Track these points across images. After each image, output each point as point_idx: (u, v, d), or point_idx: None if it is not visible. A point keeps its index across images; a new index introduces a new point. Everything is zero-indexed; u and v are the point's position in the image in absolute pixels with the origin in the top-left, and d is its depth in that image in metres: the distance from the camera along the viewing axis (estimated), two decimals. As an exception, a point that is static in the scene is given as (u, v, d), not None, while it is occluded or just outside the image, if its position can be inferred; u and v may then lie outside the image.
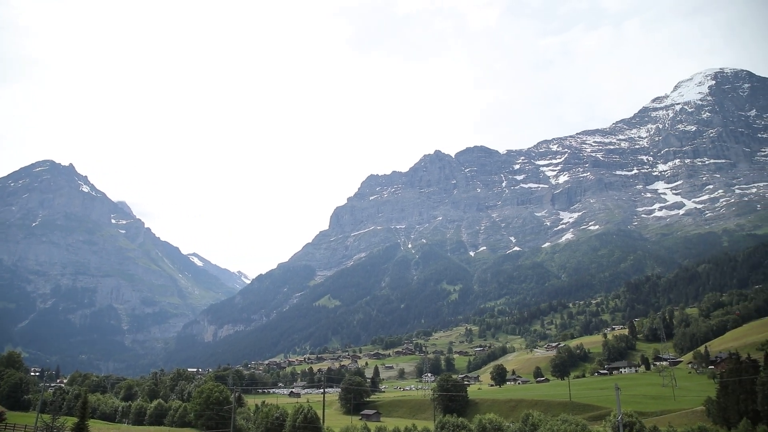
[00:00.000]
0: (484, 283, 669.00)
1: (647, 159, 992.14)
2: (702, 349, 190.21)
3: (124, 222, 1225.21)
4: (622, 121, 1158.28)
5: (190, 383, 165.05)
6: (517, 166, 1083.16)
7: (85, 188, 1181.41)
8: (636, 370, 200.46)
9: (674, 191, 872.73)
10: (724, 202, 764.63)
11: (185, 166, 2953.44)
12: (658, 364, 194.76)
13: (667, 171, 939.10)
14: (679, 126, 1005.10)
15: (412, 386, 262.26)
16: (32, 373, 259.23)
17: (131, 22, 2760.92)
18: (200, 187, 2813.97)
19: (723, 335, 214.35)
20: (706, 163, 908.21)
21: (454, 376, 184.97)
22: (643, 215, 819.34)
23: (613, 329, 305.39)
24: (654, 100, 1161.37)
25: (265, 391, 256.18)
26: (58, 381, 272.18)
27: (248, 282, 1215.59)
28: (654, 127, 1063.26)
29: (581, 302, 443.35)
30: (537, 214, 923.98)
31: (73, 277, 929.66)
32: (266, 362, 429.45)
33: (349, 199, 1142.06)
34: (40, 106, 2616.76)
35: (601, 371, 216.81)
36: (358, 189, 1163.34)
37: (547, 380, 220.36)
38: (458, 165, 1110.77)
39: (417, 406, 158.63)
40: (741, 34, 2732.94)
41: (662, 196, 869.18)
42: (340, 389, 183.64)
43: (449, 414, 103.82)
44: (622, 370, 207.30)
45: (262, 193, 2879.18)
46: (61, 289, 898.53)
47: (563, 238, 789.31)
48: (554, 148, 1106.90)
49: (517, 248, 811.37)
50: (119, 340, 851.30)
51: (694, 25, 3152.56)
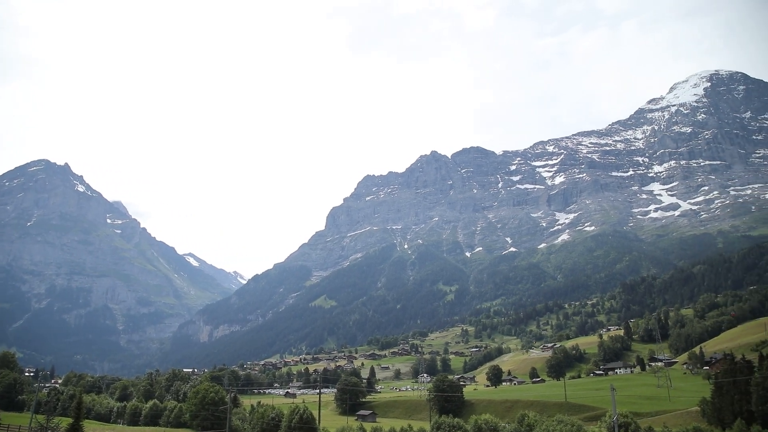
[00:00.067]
0: (480, 284, 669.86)
1: (643, 160, 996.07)
2: (697, 349, 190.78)
3: (120, 222, 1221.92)
4: (618, 122, 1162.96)
5: (186, 384, 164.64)
6: (514, 167, 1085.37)
7: (81, 188, 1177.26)
8: (631, 371, 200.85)
9: (670, 192, 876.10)
10: (719, 204, 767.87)
11: (181, 166, 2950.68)
12: (653, 364, 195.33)
13: (662, 172, 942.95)
14: (675, 127, 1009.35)
15: (408, 387, 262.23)
16: (27, 374, 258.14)
17: (127, 22, 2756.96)
18: (196, 187, 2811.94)
19: (718, 336, 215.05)
20: (702, 164, 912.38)
21: (450, 377, 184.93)
22: (639, 216, 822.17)
23: (609, 330, 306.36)
24: (650, 102, 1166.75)
25: (261, 391, 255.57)
26: (53, 381, 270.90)
27: (244, 282, 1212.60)
28: (650, 128, 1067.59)
29: (577, 303, 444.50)
30: (533, 215, 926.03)
31: (68, 277, 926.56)
32: (262, 363, 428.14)
33: (345, 200, 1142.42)
34: (35, 106, 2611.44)
35: (597, 372, 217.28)
36: (355, 189, 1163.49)
37: (543, 381, 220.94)
38: (454, 166, 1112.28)
39: (413, 407, 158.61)
40: (736, 37, 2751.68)
41: (658, 198, 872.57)
42: (336, 390, 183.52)
43: (445, 414, 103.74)
44: (618, 371, 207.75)
45: (259, 193, 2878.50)
46: (56, 289, 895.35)
47: (559, 239, 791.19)
48: (550, 149, 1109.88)
49: (513, 249, 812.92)
50: (114, 341, 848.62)
51: (689, 28, 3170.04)
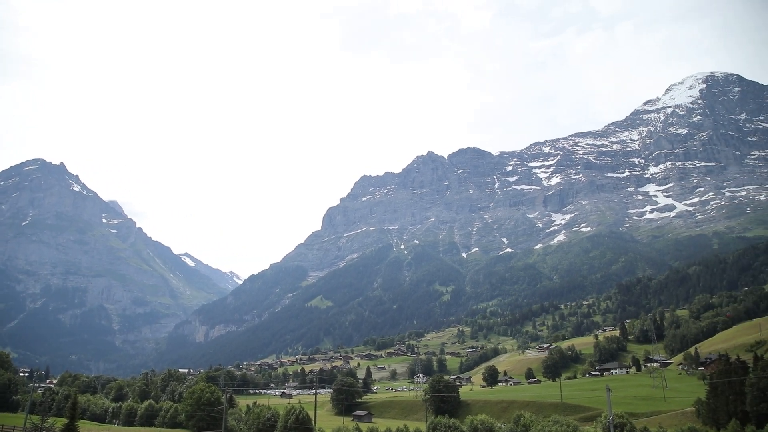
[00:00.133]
0: (477, 285, 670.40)
1: (639, 161, 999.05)
2: (692, 350, 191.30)
3: (116, 221, 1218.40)
4: (614, 123, 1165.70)
5: (182, 384, 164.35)
6: (510, 168, 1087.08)
7: (76, 187, 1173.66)
8: (627, 372, 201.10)
9: (665, 193, 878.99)
10: (715, 205, 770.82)
11: (178, 165, 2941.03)
12: (648, 365, 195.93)
13: (658, 173, 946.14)
14: (671, 129, 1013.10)
15: (404, 387, 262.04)
16: (21, 374, 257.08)
17: (123, 22, 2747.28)
18: (192, 187, 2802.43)
19: (713, 337, 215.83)
20: (697, 165, 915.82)
21: (446, 377, 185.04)
22: (635, 217, 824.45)
23: (605, 330, 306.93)
24: (646, 103, 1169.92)
25: (257, 391, 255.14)
26: (48, 382, 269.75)
27: (240, 282, 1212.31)
28: (645, 129, 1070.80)
29: (573, 304, 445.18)
30: (529, 216, 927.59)
31: (64, 277, 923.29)
32: (258, 363, 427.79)
33: (341, 200, 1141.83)
34: (31, 105, 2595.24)
35: (593, 372, 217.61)
36: (351, 190, 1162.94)
37: (539, 381, 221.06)
38: (451, 166, 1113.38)
39: (409, 407, 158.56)
40: (731, 39, 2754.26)
41: (653, 199, 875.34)
42: (332, 390, 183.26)
43: (441, 415, 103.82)
44: (613, 372, 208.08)
45: (255, 193, 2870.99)
46: (51, 289, 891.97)
47: (555, 240, 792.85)
48: (547, 149, 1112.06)
49: (509, 249, 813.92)
50: (110, 341, 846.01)
51: (685, 29, 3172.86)
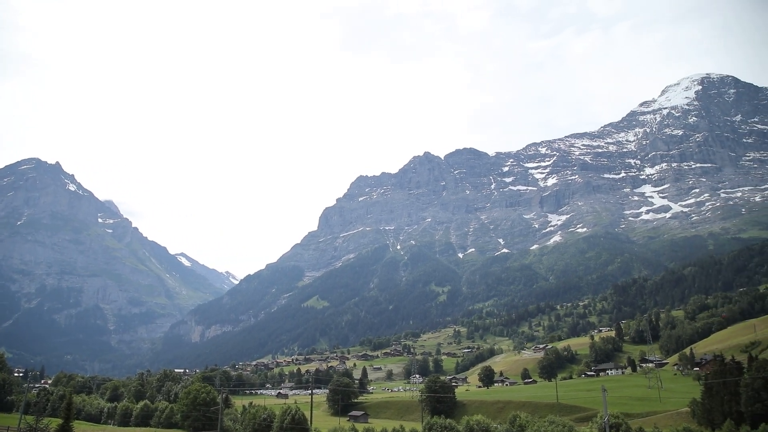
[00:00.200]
0: (473, 285, 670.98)
1: (635, 162, 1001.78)
2: (687, 351, 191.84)
3: (111, 221, 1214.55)
4: (611, 124, 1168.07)
5: (177, 384, 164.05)
6: (506, 169, 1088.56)
7: (72, 187, 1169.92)
8: (622, 372, 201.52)
9: (661, 195, 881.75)
10: (710, 206, 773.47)
11: (174, 165, 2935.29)
12: (644, 365, 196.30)
13: (654, 174, 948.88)
14: (666, 130, 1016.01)
15: (400, 387, 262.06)
16: (16, 374, 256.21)
17: (119, 21, 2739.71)
18: (188, 187, 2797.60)
19: (708, 337, 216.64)
20: (693, 167, 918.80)
21: (442, 378, 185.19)
22: (631, 218, 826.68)
23: (600, 331, 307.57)
24: (642, 105, 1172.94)
25: (253, 392, 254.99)
26: (43, 382, 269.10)
27: (236, 282, 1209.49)
28: (641, 131, 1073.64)
29: (569, 304, 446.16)
30: (525, 217, 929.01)
31: (59, 277, 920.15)
32: (254, 363, 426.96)
33: (338, 200, 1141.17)
34: (27, 104, 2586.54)
35: (588, 373, 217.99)
36: (348, 190, 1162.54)
37: (535, 382, 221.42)
38: (447, 167, 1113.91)
39: (405, 408, 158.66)
40: (727, 41, 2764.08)
41: (649, 200, 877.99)
42: (328, 390, 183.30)
43: (437, 415, 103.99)
44: (609, 372, 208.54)
45: (251, 193, 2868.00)
46: (46, 289, 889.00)
47: (551, 241, 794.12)
48: (543, 150, 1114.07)
49: (505, 250, 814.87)
50: (105, 341, 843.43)
51: (681, 31, 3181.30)
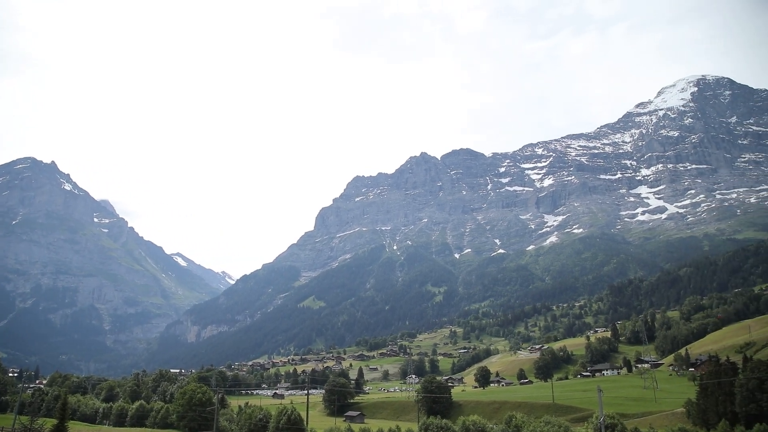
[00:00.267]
0: (469, 285, 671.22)
1: (631, 163, 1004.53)
2: (683, 351, 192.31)
3: (107, 221, 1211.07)
4: (607, 125, 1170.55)
5: (173, 384, 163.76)
6: (503, 169, 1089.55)
7: (68, 186, 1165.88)
8: (618, 373, 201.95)
9: (657, 196, 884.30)
10: (705, 207, 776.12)
11: (170, 165, 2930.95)
12: (639, 366, 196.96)
13: (650, 176, 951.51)
14: (662, 131, 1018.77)
15: (397, 388, 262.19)
16: (10, 374, 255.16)
17: (115, 19, 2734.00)
18: (185, 187, 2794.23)
19: (703, 338, 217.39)
20: (688, 168, 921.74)
21: (438, 378, 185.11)
22: (626, 219, 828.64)
23: (596, 332, 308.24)
24: (638, 106, 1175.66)
25: (249, 392, 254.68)
26: (38, 382, 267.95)
27: (232, 282, 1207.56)
28: (637, 132, 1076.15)
29: (565, 305, 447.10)
30: (522, 217, 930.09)
31: (54, 277, 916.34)
32: (250, 363, 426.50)
33: (334, 200, 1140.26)
34: (22, 103, 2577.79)
35: (584, 373, 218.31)
36: (344, 190, 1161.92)
37: (531, 382, 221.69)
38: (444, 167, 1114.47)
39: (401, 408, 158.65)
40: (723, 42, 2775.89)
41: (645, 201, 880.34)
42: (324, 391, 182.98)
43: (433, 416, 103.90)
44: (605, 373, 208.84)
45: (248, 193, 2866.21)
46: (41, 289, 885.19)
47: (547, 241, 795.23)
48: (539, 151, 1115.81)
49: (501, 251, 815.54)
50: (101, 341, 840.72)
51: (677, 32, 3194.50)
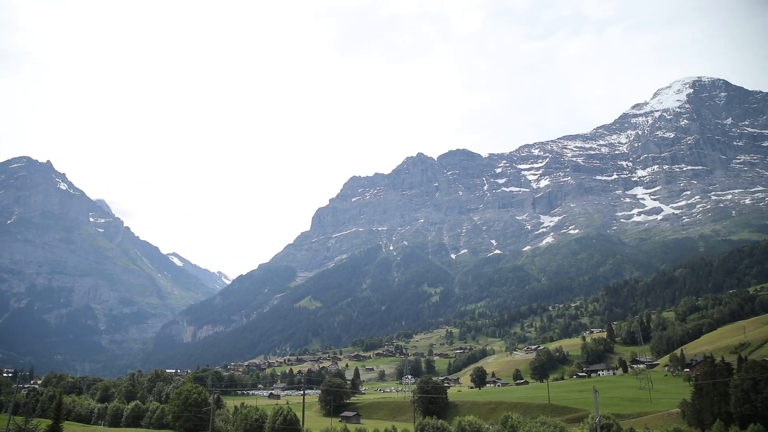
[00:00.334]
0: (465, 286, 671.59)
1: (626, 164, 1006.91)
2: (678, 352, 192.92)
3: (103, 221, 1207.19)
4: (603, 126, 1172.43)
5: (169, 384, 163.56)
6: (499, 170, 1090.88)
7: (63, 186, 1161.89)
8: (614, 373, 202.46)
9: (652, 197, 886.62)
10: (701, 208, 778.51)
11: (166, 165, 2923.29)
12: (635, 366, 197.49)
13: (645, 177, 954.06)
14: (658, 133, 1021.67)
15: (393, 388, 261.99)
16: (5, 374, 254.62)
17: (112, 19, 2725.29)
18: (181, 187, 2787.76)
19: (698, 339, 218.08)
20: (684, 169, 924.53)
21: (435, 378, 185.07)
22: (622, 220, 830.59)
23: (592, 332, 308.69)
24: (634, 107, 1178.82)
25: (245, 392, 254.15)
26: (32, 382, 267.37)
27: (228, 282, 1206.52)
28: (633, 133, 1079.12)
29: (561, 305, 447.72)
30: (518, 218, 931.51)
31: (49, 276, 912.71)
32: (246, 363, 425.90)
33: (331, 201, 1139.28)
34: (18, 102, 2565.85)
35: (580, 374, 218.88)
36: (341, 190, 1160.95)
37: (527, 382, 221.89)
38: (440, 168, 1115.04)
39: (397, 408, 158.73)
40: (718, 44, 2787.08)
41: (641, 202, 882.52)
42: (320, 391, 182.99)
43: (429, 416, 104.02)
44: (600, 373, 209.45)
45: (244, 193, 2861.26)
46: (36, 288, 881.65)
47: (544, 242, 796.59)
48: (536, 152, 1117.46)
49: (497, 251, 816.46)
50: (96, 341, 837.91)
51: (673, 34, 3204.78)
